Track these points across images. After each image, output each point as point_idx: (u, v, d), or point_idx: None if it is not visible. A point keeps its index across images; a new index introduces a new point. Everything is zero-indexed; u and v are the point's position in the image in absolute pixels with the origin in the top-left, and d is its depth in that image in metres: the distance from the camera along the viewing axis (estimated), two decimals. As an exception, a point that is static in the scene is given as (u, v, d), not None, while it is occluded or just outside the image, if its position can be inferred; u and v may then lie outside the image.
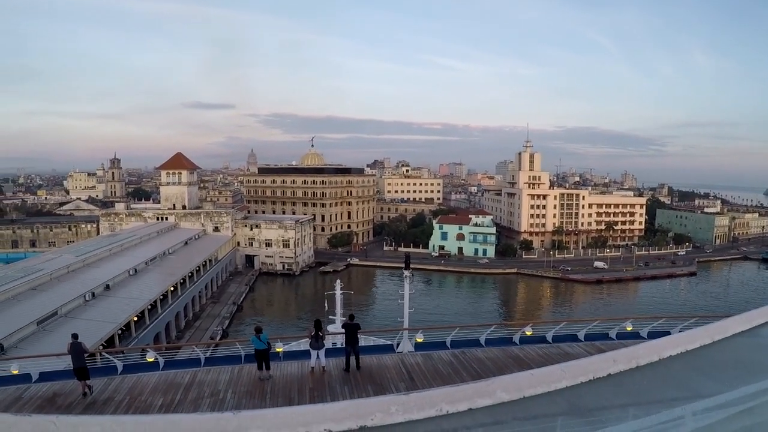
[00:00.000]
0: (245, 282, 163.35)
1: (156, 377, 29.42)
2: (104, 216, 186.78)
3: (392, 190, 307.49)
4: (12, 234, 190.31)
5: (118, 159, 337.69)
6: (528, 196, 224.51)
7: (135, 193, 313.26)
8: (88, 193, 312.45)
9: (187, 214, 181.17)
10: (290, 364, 30.53)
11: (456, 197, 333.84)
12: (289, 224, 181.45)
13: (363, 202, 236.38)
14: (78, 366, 26.23)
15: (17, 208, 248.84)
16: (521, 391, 5.64)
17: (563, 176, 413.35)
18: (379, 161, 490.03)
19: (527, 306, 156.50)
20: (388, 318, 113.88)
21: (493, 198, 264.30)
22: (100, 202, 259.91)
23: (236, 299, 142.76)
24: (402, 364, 30.42)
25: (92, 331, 73.08)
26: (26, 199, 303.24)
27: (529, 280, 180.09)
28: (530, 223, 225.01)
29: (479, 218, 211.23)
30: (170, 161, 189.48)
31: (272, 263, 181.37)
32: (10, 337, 68.65)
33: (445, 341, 34.44)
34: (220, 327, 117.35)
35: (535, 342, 34.91)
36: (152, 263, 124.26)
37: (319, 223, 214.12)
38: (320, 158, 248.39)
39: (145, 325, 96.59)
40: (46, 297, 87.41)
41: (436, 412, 4.25)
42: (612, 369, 8.91)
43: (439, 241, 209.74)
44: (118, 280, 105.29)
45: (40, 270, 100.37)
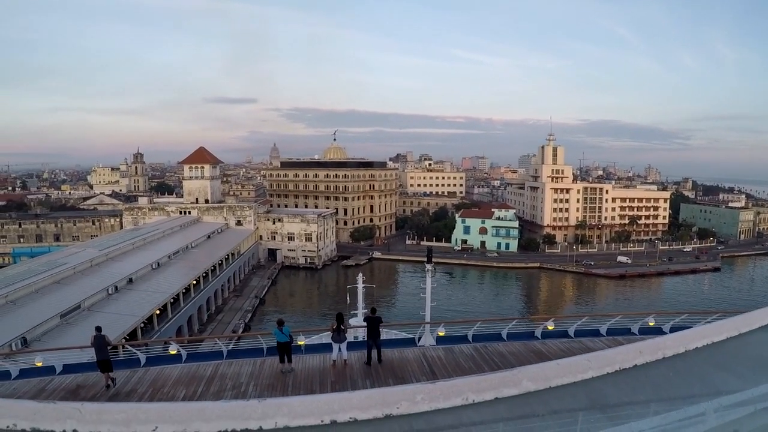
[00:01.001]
0: (268, 275, 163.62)
1: (178, 369, 29.50)
2: (127, 210, 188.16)
3: (415, 184, 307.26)
4: (36, 228, 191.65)
5: (141, 154, 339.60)
6: (551, 190, 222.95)
7: (158, 188, 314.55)
8: (111, 188, 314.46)
9: (210, 208, 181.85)
10: (312, 357, 30.44)
11: (479, 191, 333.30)
12: (311, 218, 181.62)
13: (385, 196, 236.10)
14: (101, 358, 26.30)
15: (41, 202, 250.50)
16: (547, 381, 5.30)
17: (586, 170, 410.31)
18: (402, 155, 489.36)
19: (549, 300, 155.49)
20: (410, 312, 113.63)
21: (515, 192, 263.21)
22: (124, 197, 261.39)
23: (259, 293, 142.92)
24: (423, 358, 30.24)
25: (115, 325, 73.26)
26: (50, 194, 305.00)
27: (551, 275, 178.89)
28: (553, 217, 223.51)
29: (502, 212, 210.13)
30: (193, 155, 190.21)
31: (295, 257, 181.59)
32: (33, 330, 69.02)
33: (466, 335, 34.20)
34: (243, 320, 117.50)
35: (557, 336, 34.66)
36: (175, 257, 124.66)
37: (341, 217, 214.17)
38: (343, 152, 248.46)
39: (168, 318, 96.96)
40: (69, 290, 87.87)
41: (461, 401, 3.92)
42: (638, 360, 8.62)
43: (462, 235, 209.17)
44: (141, 273, 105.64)
45: (64, 264, 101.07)
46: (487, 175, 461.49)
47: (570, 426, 8.36)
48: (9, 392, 26.62)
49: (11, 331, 67.16)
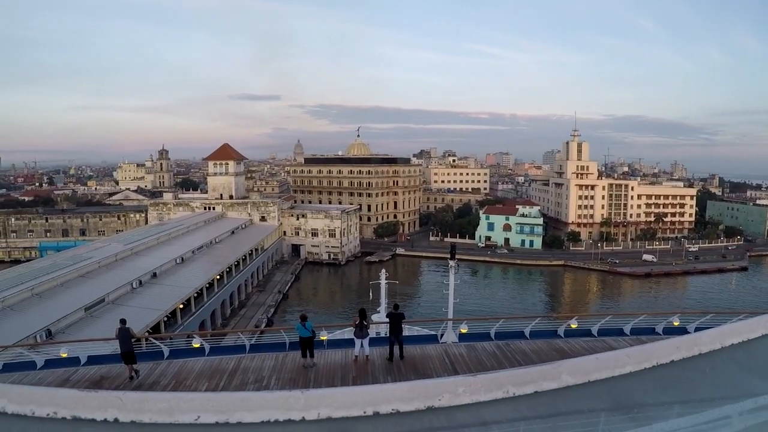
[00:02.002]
0: (291, 271, 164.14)
1: (201, 363, 29.86)
2: (152, 206, 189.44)
3: (438, 180, 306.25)
4: (63, 223, 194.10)
5: (166, 150, 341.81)
6: (576, 187, 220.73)
7: (183, 184, 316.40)
8: (136, 184, 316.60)
9: (234, 203, 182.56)
10: (334, 353, 30.61)
11: (503, 187, 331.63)
12: (335, 214, 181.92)
13: (409, 192, 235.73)
14: (125, 350, 27.00)
15: (68, 198, 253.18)
16: (586, 375, 5.33)
17: (611, 166, 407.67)
18: (426, 151, 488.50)
19: (573, 299, 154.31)
20: (433, 308, 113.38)
21: (540, 188, 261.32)
22: (149, 192, 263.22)
23: (282, 288, 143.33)
24: (445, 355, 30.20)
25: (139, 318, 73.79)
26: (77, 190, 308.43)
27: (576, 273, 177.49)
28: (578, 214, 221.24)
29: (526, 209, 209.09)
30: (217, 152, 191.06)
31: (318, 252, 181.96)
32: (58, 322, 69.75)
33: (489, 332, 34.11)
34: (265, 315, 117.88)
35: (580, 335, 34.44)
36: (199, 252, 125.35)
37: (365, 213, 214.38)
38: (366, 148, 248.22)
39: (191, 312, 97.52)
40: (94, 284, 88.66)
41: (502, 394, 3.96)
42: (675, 356, 8.54)
43: (486, 231, 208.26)
44: (165, 268, 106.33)
45: (89, 258, 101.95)
46: (511, 171, 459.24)
47: (593, 426, 8.30)
48: (34, 382, 27.02)
49: (36, 323, 68.00)
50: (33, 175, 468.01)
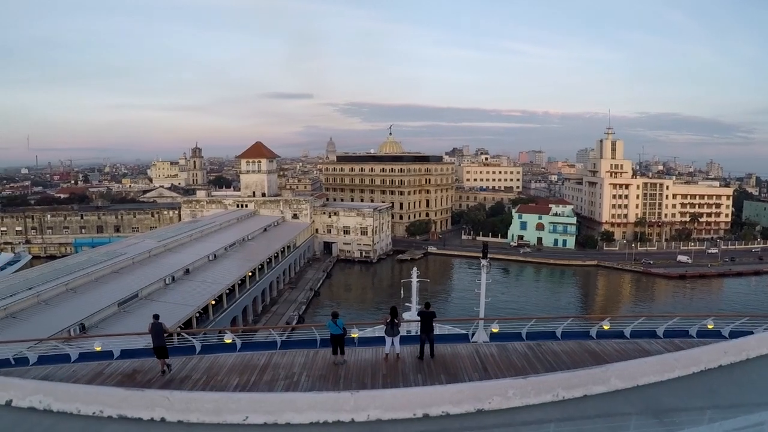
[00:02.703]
0: (323, 268, 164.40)
1: (232, 358, 29.97)
2: (186, 203, 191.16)
3: (471, 179, 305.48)
4: (97, 220, 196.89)
5: (199, 148, 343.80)
6: (610, 186, 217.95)
7: (216, 181, 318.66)
8: (170, 181, 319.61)
9: (267, 201, 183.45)
10: (365, 350, 30.55)
11: (536, 186, 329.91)
12: (367, 212, 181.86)
13: (441, 191, 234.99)
14: (158, 345, 27.34)
15: (103, 195, 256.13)
16: (635, 379, 5.26)
17: (646, 165, 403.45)
18: (458, 149, 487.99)
19: (606, 299, 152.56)
20: (464, 307, 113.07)
21: (573, 187, 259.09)
22: (182, 190, 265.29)
23: (313, 285, 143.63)
24: (476, 354, 29.96)
25: (171, 313, 74.23)
26: (111, 187, 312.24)
27: (609, 273, 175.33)
28: (612, 214, 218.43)
29: (559, 208, 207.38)
30: (250, 150, 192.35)
31: (350, 250, 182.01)
32: (91, 317, 70.52)
33: (520, 332, 33.81)
34: (297, 312, 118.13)
35: (613, 337, 33.89)
36: (231, 249, 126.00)
37: (397, 211, 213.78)
38: (398, 146, 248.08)
39: (223, 308, 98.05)
40: (127, 280, 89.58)
41: (552, 397, 3.88)
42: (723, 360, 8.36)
43: (518, 230, 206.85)
44: (198, 264, 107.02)
45: (123, 254, 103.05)
46: (544, 169, 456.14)
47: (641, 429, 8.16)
48: (68, 375, 27.35)
49: (70, 317, 68.79)
50: (69, 173, 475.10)
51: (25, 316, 69.90)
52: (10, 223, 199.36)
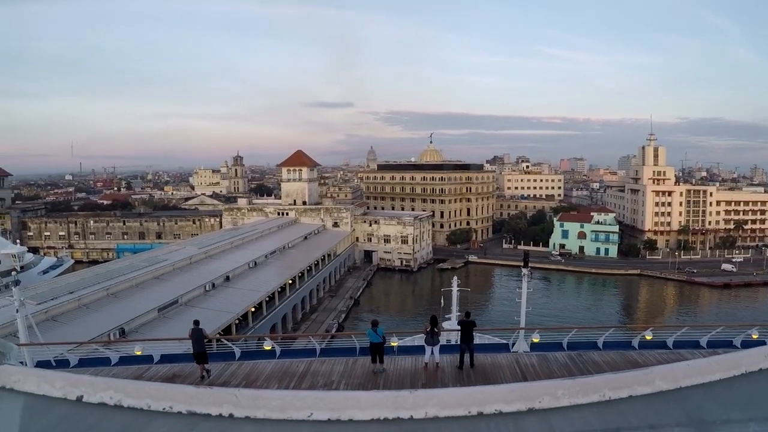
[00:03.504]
0: (363, 277, 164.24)
1: (272, 365, 30.08)
2: (227, 210, 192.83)
3: (512, 187, 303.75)
4: (139, 226, 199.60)
5: (240, 157, 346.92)
6: (652, 193, 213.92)
7: (257, 189, 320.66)
8: (212, 189, 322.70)
9: (307, 209, 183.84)
10: (404, 359, 30.29)
11: (577, 194, 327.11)
12: (407, 220, 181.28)
13: (482, 199, 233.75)
14: (198, 350, 27.76)
15: (145, 202, 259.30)
16: (678, 381, 4.66)
17: (689, 171, 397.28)
18: (499, 157, 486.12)
19: (649, 309, 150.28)
20: (504, 317, 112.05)
21: (615, 195, 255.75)
22: (224, 198, 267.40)
23: (353, 293, 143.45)
24: (516, 364, 29.63)
25: (210, 320, 74.25)
26: (154, 194, 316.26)
27: (652, 282, 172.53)
28: (654, 222, 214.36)
29: (601, 216, 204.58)
30: (291, 158, 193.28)
31: (390, 259, 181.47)
32: (131, 321, 71.17)
33: (561, 342, 33.39)
34: (336, 320, 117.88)
35: (655, 347, 33.27)
36: (272, 257, 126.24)
37: (438, 220, 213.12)
38: (439, 154, 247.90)
39: (263, 316, 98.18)
40: (168, 286, 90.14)
41: (599, 397, 3.67)
42: (763, 364, 7.69)
43: (560, 239, 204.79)
44: (238, 272, 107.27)
45: (164, 260, 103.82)
46: (585, 177, 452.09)
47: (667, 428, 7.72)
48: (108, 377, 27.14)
49: (111, 321, 69.53)
50: (112, 180, 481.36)
51: (66, 319, 70.61)
52: (53, 228, 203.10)
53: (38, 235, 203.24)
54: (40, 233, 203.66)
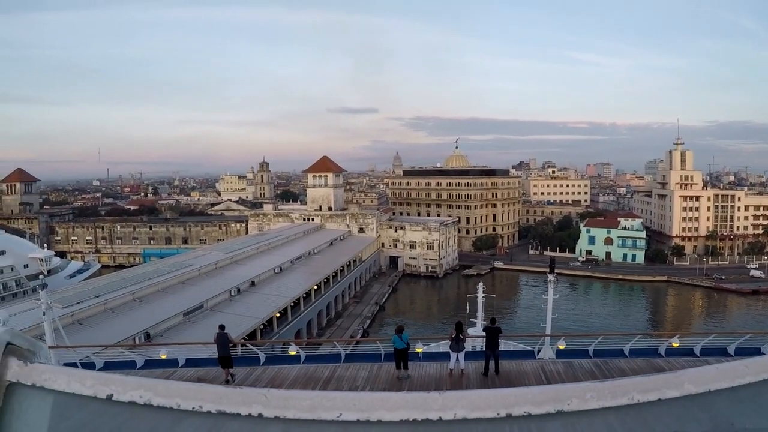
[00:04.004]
0: (388, 283, 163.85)
1: (296, 370, 30.19)
2: (253, 216, 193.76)
3: (538, 192, 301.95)
4: (166, 231, 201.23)
5: (266, 162, 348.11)
6: (679, 198, 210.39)
7: (283, 195, 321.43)
8: (238, 195, 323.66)
9: (333, 215, 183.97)
10: (429, 365, 30.34)
11: (604, 199, 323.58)
12: (433, 226, 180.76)
13: (508, 204, 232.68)
14: (223, 355, 28.00)
15: (171, 207, 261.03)
16: (707, 384, 4.36)
17: (716, 176, 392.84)
18: (525, 162, 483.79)
19: (676, 316, 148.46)
20: (530, 324, 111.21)
21: (642, 200, 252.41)
22: (250, 203, 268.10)
23: (379, 299, 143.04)
24: (542, 371, 29.57)
25: (236, 325, 74.25)
26: (180, 200, 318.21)
27: (679, 289, 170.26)
28: (682, 227, 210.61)
29: (628, 221, 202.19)
30: (316, 164, 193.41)
31: (416, 265, 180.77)
32: (157, 326, 71.63)
33: (587, 349, 33.15)
34: (361, 326, 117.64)
35: (682, 354, 33.02)
36: (297, 262, 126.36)
37: (463, 226, 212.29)
38: (464, 160, 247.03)
39: (288, 321, 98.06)
40: (193, 291, 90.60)
41: (627, 400, 3.73)
42: None
43: (587, 245, 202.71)
44: (264, 277, 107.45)
45: (190, 265, 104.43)
46: (612, 182, 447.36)
47: None
48: None
49: (136, 325, 70.13)
50: (139, 186, 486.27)
51: (91, 322, 71.35)
52: (80, 233, 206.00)
53: (66, 240, 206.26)
54: (67, 238, 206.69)
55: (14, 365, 3.02)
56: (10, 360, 3.02)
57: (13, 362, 3.02)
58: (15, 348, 3.10)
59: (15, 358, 3.04)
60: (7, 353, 3.03)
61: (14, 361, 3.03)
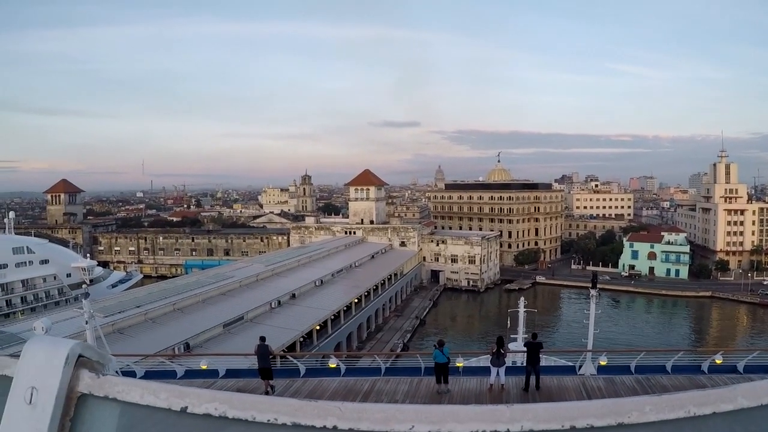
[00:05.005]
0: (429, 297, 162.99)
1: (336, 383, 30.26)
2: (295, 229, 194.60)
3: (581, 206, 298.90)
4: (208, 243, 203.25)
5: (309, 176, 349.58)
6: (724, 212, 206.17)
7: (325, 208, 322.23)
8: (280, 207, 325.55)
9: (375, 228, 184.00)
10: (469, 380, 30.11)
11: (647, 213, 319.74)
12: (475, 240, 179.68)
13: (550, 218, 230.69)
14: (263, 366, 28.45)
15: (214, 219, 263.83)
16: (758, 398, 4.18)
17: (762, 189, 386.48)
18: (567, 176, 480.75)
19: (720, 333, 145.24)
20: (571, 339, 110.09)
21: (686, 214, 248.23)
22: (292, 216, 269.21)
23: (419, 313, 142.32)
24: (583, 388, 29.08)
25: (275, 337, 74.11)
26: (222, 212, 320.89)
27: (723, 305, 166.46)
28: (726, 242, 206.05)
29: (672, 236, 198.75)
30: (358, 178, 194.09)
31: (457, 279, 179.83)
32: (196, 336, 72.09)
33: (629, 365, 32.70)
34: (401, 340, 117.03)
35: (725, 372, 32.32)
36: (338, 275, 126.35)
37: (505, 240, 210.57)
38: (507, 174, 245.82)
39: (328, 334, 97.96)
40: (234, 302, 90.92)
41: (684, 413, 3.82)
42: None
43: (629, 260, 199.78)
44: (305, 290, 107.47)
45: (231, 277, 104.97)
46: (655, 195, 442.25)
47: None
48: None
49: (176, 335, 70.82)
50: (182, 198, 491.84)
51: (132, 332, 72.13)
52: (123, 243, 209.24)
53: (108, 250, 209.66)
54: (110, 248, 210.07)
55: (86, 377, 3.09)
56: (81, 372, 3.11)
57: (85, 374, 3.10)
58: (86, 360, 3.18)
59: (86, 370, 3.13)
60: (79, 365, 3.12)
61: (86, 373, 3.12)
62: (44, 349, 3.12)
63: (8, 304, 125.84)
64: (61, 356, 3.05)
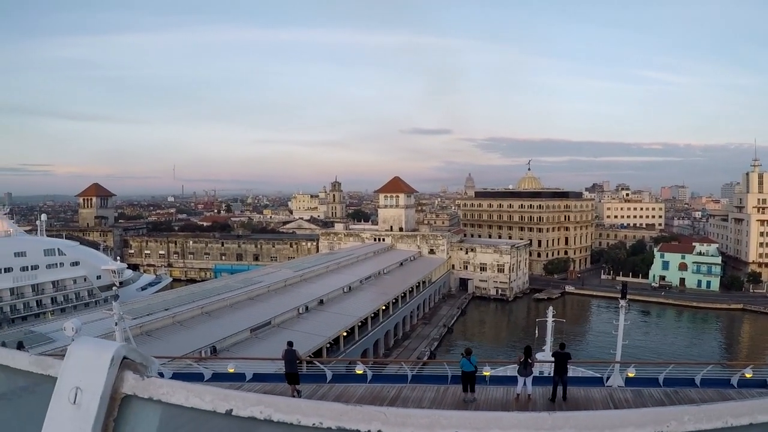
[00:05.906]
0: (457, 305, 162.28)
1: (362, 389, 30.35)
2: (324, 235, 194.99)
3: (611, 215, 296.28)
4: (237, 248, 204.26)
5: (338, 182, 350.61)
6: (757, 222, 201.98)
7: (354, 215, 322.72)
8: (310, 214, 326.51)
9: (404, 235, 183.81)
10: (496, 389, 30.14)
11: (679, 223, 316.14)
12: (504, 249, 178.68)
13: (581, 228, 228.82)
14: (290, 371, 28.71)
15: (244, 225, 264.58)
16: None
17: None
18: (598, 185, 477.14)
19: (751, 347, 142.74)
20: (599, 350, 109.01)
21: (718, 224, 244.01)
22: (321, 222, 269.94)
23: (447, 321, 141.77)
24: (610, 399, 28.81)
25: (302, 342, 74.18)
26: (252, 217, 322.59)
27: (755, 318, 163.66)
28: (759, 253, 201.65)
29: (703, 246, 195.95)
30: (388, 185, 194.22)
31: (486, 287, 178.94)
32: (223, 340, 72.34)
33: (657, 378, 32.38)
34: (429, 348, 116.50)
35: (755, 386, 31.86)
36: (366, 282, 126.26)
37: (535, 249, 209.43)
38: (537, 182, 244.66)
39: (355, 340, 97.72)
40: (262, 307, 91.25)
41: (722, 423, 3.81)
42: None
43: (660, 270, 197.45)
44: (332, 296, 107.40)
45: (259, 282, 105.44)
46: (687, 205, 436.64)
47: None
48: None
49: (203, 339, 71.19)
50: (212, 203, 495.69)
51: (159, 334, 72.76)
52: (154, 247, 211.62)
53: (139, 253, 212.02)
54: (140, 251, 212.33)
55: (130, 378, 3.13)
56: (126, 373, 3.16)
57: (129, 376, 3.15)
58: (130, 362, 3.23)
59: (131, 371, 3.18)
60: (123, 367, 3.17)
61: (130, 374, 3.16)
62: (89, 351, 3.15)
63: (39, 305, 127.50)
64: (106, 358, 3.09)
